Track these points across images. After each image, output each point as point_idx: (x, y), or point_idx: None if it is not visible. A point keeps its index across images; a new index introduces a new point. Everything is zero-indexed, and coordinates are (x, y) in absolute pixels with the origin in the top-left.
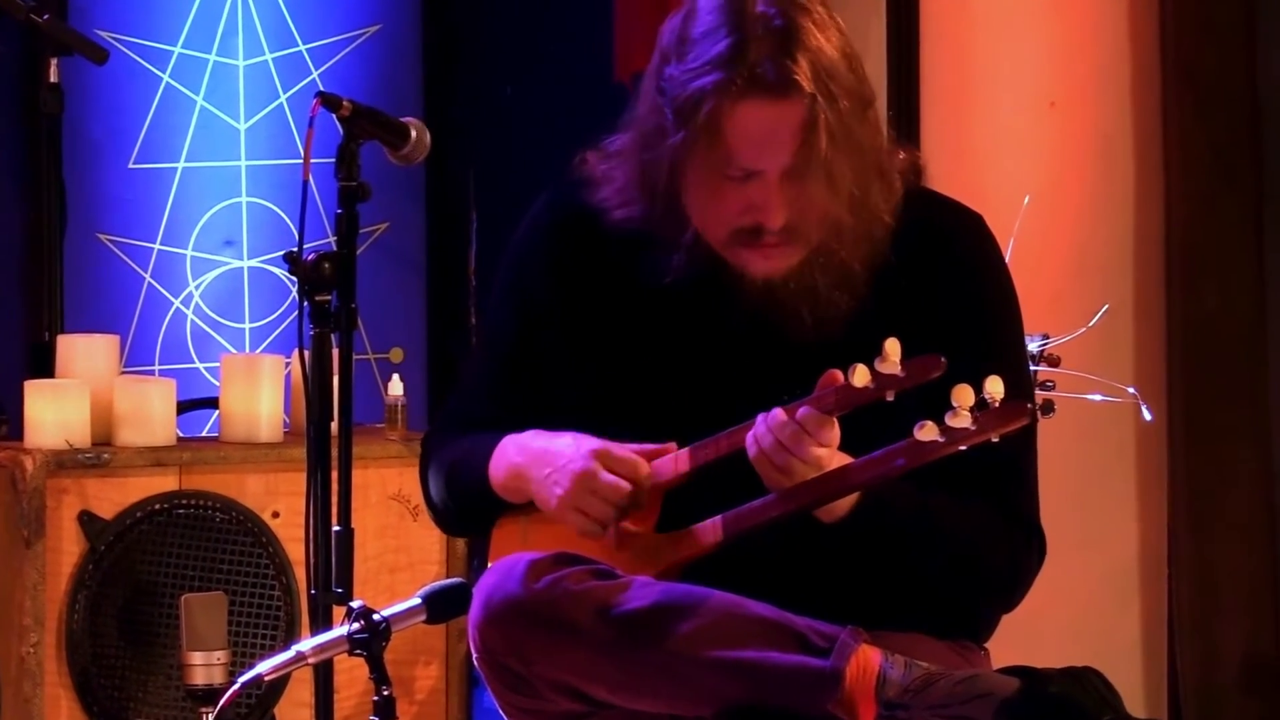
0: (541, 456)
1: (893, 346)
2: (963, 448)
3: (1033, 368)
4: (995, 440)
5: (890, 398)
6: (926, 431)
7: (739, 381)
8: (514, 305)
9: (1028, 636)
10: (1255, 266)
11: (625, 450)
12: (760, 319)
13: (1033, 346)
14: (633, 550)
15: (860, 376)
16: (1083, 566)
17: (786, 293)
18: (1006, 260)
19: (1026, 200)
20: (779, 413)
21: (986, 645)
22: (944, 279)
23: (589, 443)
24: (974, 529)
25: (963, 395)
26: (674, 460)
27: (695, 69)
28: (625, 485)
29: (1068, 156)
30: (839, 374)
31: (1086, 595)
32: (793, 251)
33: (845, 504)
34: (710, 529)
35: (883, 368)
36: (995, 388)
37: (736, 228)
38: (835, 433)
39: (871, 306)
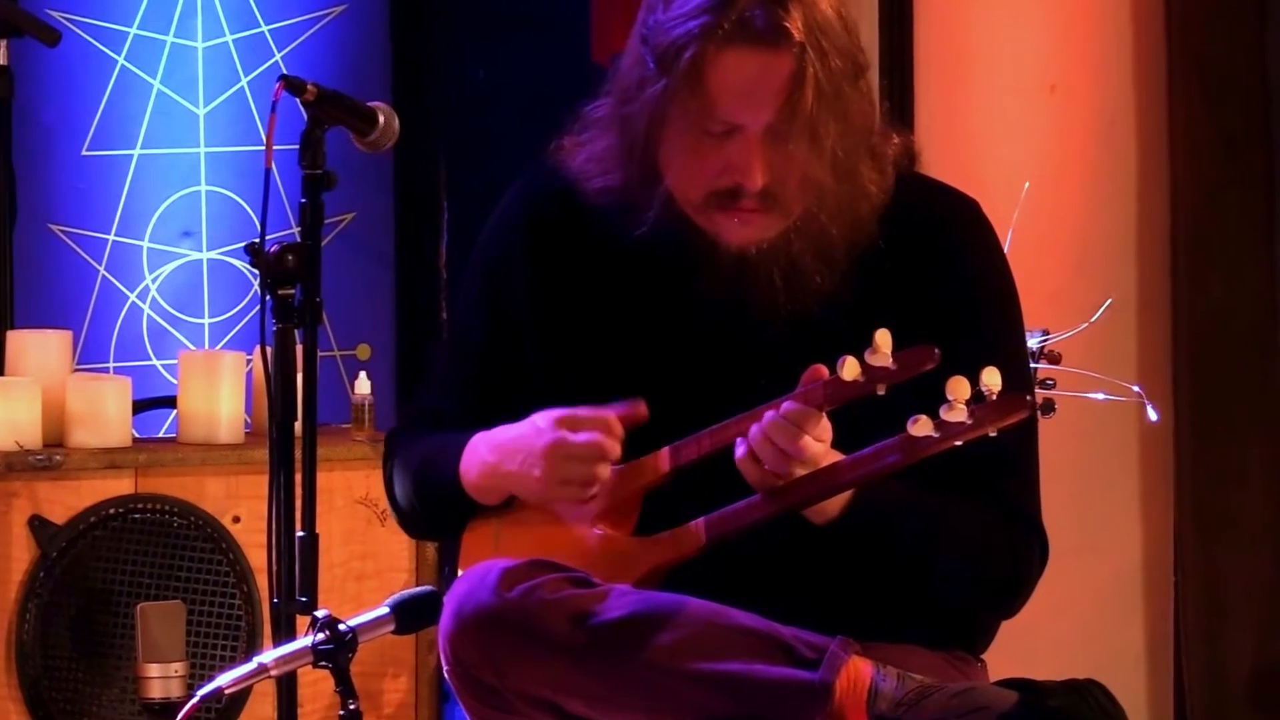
0: (510, 448)
1: (883, 338)
2: (959, 443)
3: (1033, 365)
4: (993, 434)
5: (882, 391)
6: (920, 426)
7: (714, 362)
8: (485, 298)
9: (1026, 647)
10: (1266, 259)
11: (587, 409)
12: (735, 295)
13: (1033, 343)
14: (611, 556)
15: (850, 369)
16: (1085, 573)
17: (762, 265)
18: (1005, 251)
19: (1025, 189)
20: (768, 413)
21: (983, 656)
22: (937, 265)
23: (547, 416)
24: (973, 528)
25: (958, 388)
26: (654, 460)
27: (681, 14)
28: (599, 437)
29: (1069, 143)
30: (824, 369)
31: (1088, 604)
32: (771, 221)
33: (835, 504)
34: (692, 532)
35: (873, 360)
36: (992, 379)
37: (714, 189)
38: (826, 427)
39: (855, 288)
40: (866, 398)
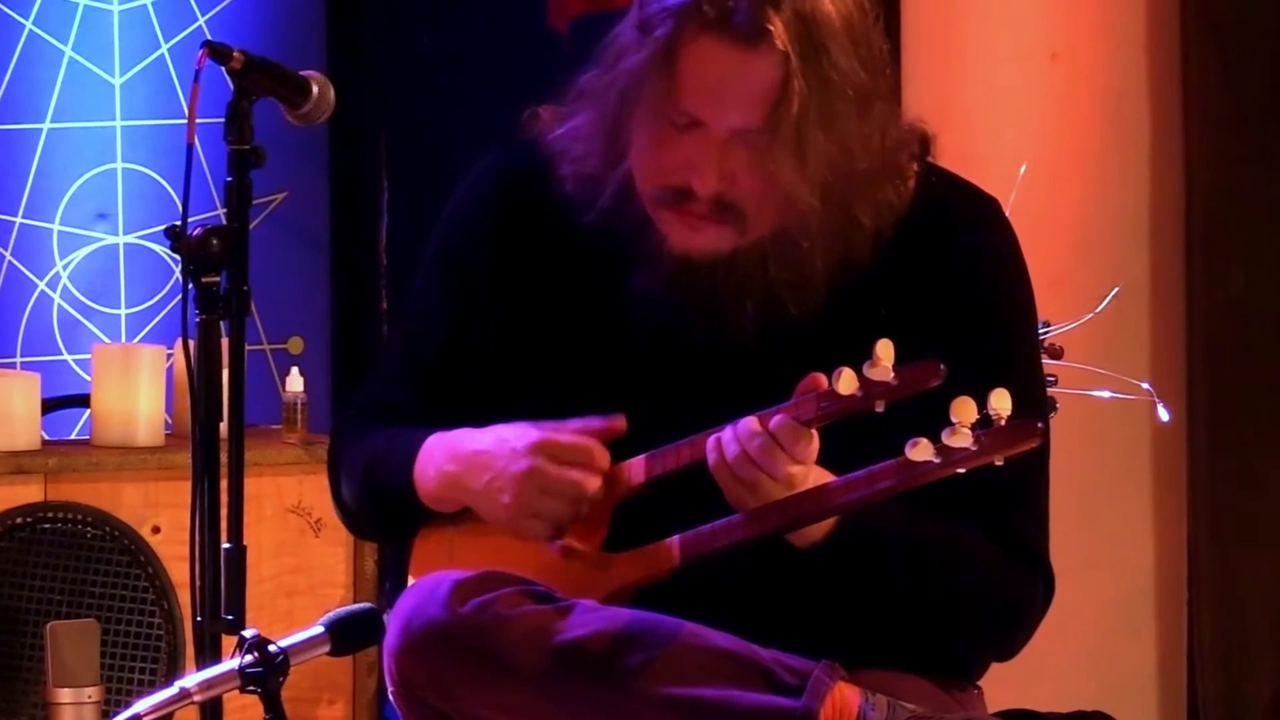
0: (475, 462)
1: (885, 349)
2: (961, 471)
3: None
4: (999, 464)
5: (880, 408)
6: (920, 450)
7: (650, 368)
8: (447, 279)
9: (1027, 672)
10: None
11: (570, 435)
12: (673, 303)
13: None
14: (576, 570)
15: (846, 382)
16: (1090, 590)
17: (706, 279)
18: (1024, 259)
19: (1024, 168)
20: (749, 421)
21: (980, 683)
22: (946, 273)
23: (526, 436)
24: (970, 562)
25: (964, 410)
26: (627, 470)
27: None
28: (583, 477)
29: (1072, 116)
30: (822, 378)
31: (1094, 623)
32: (724, 233)
33: (821, 528)
34: (666, 550)
35: (873, 373)
36: (1002, 403)
37: (665, 184)
38: (813, 447)
39: (837, 292)
40: (862, 414)
